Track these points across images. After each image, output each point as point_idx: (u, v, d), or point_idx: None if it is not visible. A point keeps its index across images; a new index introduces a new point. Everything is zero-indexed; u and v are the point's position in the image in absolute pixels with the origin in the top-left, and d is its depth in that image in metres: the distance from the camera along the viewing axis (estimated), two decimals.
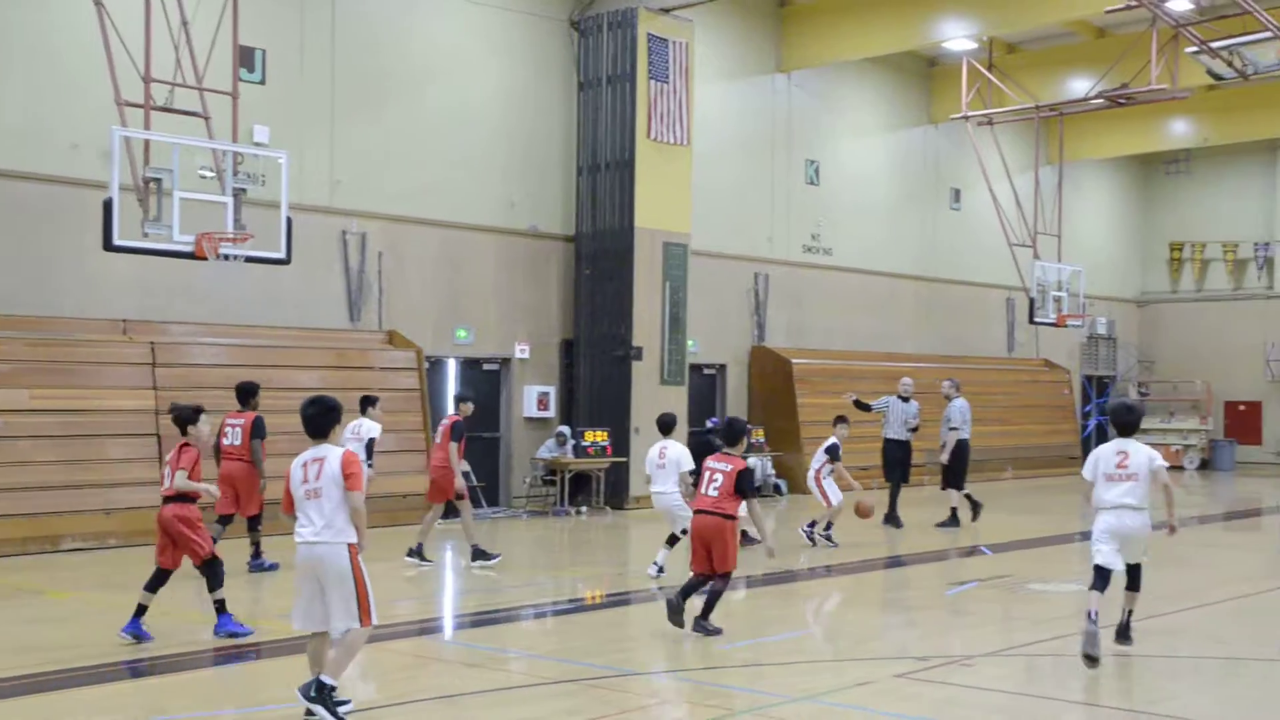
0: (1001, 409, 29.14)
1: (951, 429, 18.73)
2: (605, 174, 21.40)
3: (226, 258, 14.26)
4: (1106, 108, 26.58)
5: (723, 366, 24.71)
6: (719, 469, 10.32)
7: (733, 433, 10.64)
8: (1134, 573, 9.56)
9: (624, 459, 20.93)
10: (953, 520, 18.46)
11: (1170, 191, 36.13)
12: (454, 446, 14.12)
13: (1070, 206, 30.04)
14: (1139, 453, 9.36)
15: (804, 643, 10.50)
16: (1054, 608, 12.00)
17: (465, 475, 18.90)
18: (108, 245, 13.66)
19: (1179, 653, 10.03)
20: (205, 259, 14.16)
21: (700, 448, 14.01)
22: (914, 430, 19.01)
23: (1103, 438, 34.49)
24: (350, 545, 7.47)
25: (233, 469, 13.35)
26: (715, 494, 10.26)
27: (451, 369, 20.86)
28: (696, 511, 10.42)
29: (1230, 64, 21.82)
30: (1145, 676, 9.31)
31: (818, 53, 25.35)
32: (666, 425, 13.71)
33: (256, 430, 13.37)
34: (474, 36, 20.66)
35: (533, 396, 21.16)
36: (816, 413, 24.21)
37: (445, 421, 14.45)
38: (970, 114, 26.20)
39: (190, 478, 10.04)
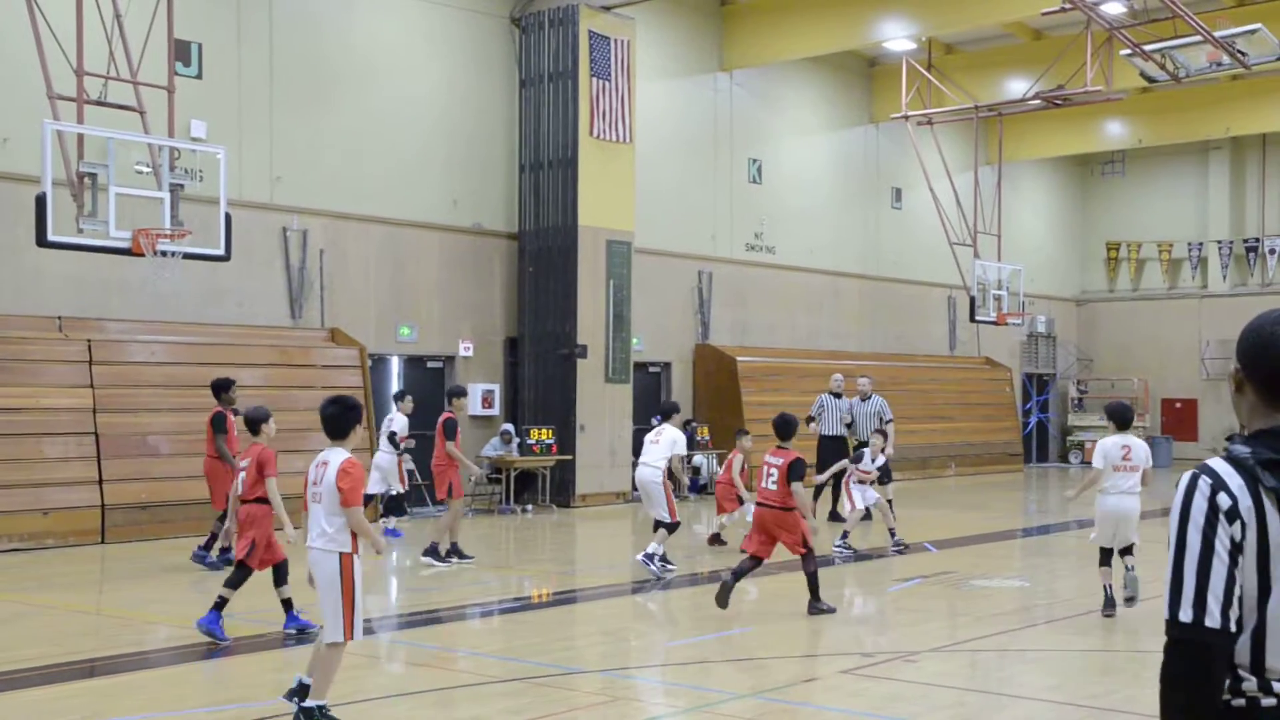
0: (944, 406, 29.42)
1: (888, 421, 18.77)
2: (548, 171, 21.33)
3: (164, 254, 14.05)
4: (1043, 109, 26.92)
5: (667, 364, 24.72)
6: (774, 463, 11.06)
7: (787, 428, 11.37)
8: (1128, 550, 11.13)
9: (569, 457, 20.89)
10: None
11: (1106, 191, 36.65)
12: (450, 444, 14.19)
13: (1009, 206, 30.37)
14: (1139, 447, 10.89)
15: (749, 639, 10.51)
16: (996, 603, 12.11)
17: (410, 474, 18.89)
18: (41, 241, 13.42)
19: (1115, 647, 10.16)
20: (143, 255, 13.95)
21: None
22: (849, 426, 19.08)
23: (1043, 435, 34.95)
24: (343, 554, 7.13)
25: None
26: (774, 487, 11.04)
27: (395, 367, 20.72)
28: (759, 503, 11.20)
29: (1163, 67, 22.14)
30: (1090, 671, 9.41)
31: (759, 52, 25.44)
32: (668, 411, 14.36)
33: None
34: (415, 32, 20.53)
35: (477, 395, 21.06)
36: (761, 410, 24.28)
37: (439, 420, 14.49)
38: (910, 114, 26.39)
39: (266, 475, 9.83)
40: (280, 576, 9.99)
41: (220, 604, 9.69)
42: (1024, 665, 9.53)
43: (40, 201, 13.20)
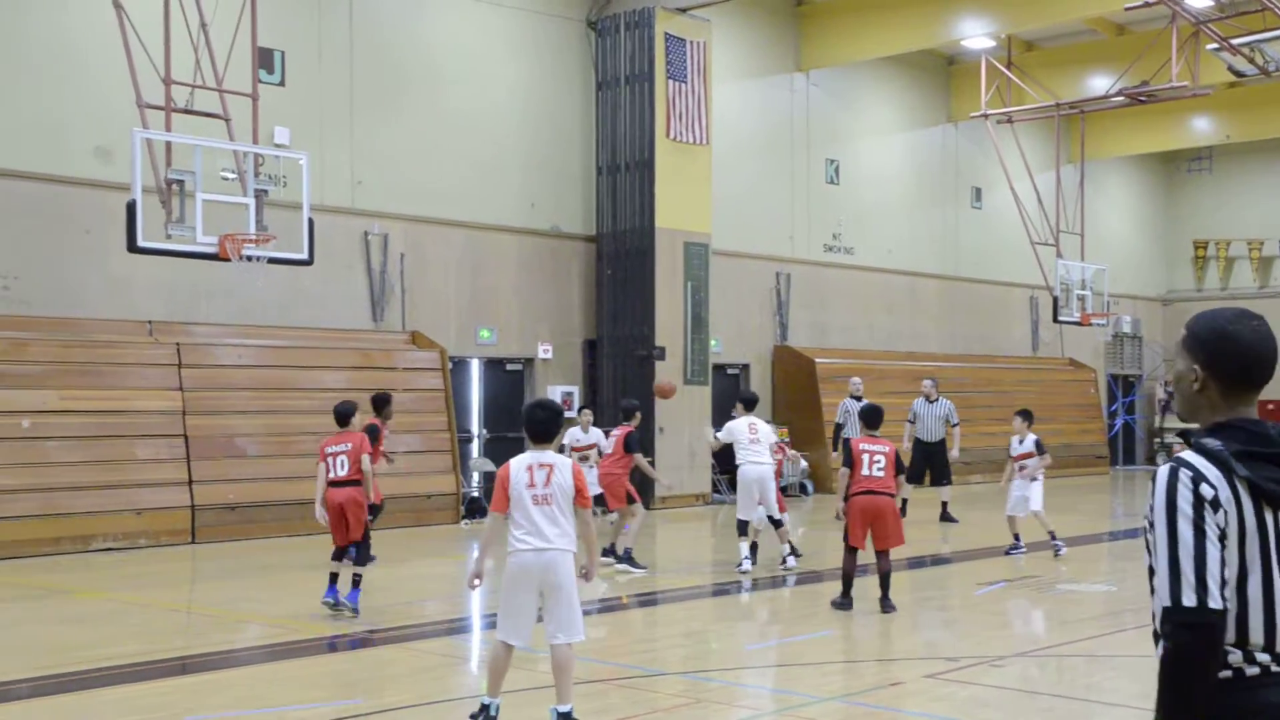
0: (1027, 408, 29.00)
1: (955, 424, 19.20)
2: (625, 174, 21.38)
3: (249, 259, 14.29)
4: (1127, 105, 26.47)
5: (746, 366, 24.67)
6: (878, 450, 11.05)
7: (877, 416, 11.48)
8: None
9: (649, 459, 20.88)
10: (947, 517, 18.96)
11: (1193, 189, 35.93)
12: (639, 457, 14.15)
13: (1092, 204, 29.90)
14: None
15: (832, 643, 10.45)
16: (1084, 608, 11.93)
17: (490, 475, 19.03)
18: (132, 247, 13.71)
19: None
20: (228, 260, 14.19)
21: (725, 448, 14.11)
22: (912, 422, 19.50)
23: (1130, 437, 34.35)
24: (575, 556, 7.24)
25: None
26: (881, 474, 11.00)
27: (475, 369, 20.88)
28: (864, 492, 11.03)
29: (1251, 60, 21.68)
30: None
31: (836, 52, 25.30)
32: (751, 402, 14.25)
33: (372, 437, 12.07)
34: (492, 37, 20.68)
35: (556, 397, 21.12)
36: (831, 413, 24.13)
37: (618, 432, 14.40)
38: (990, 112, 26.10)
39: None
40: (343, 553, 10.76)
41: (357, 580, 10.71)
42: (1113, 671, 9.38)
43: (130, 208, 13.48)
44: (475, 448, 20.66)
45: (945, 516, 19.02)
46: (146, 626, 10.79)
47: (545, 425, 7.32)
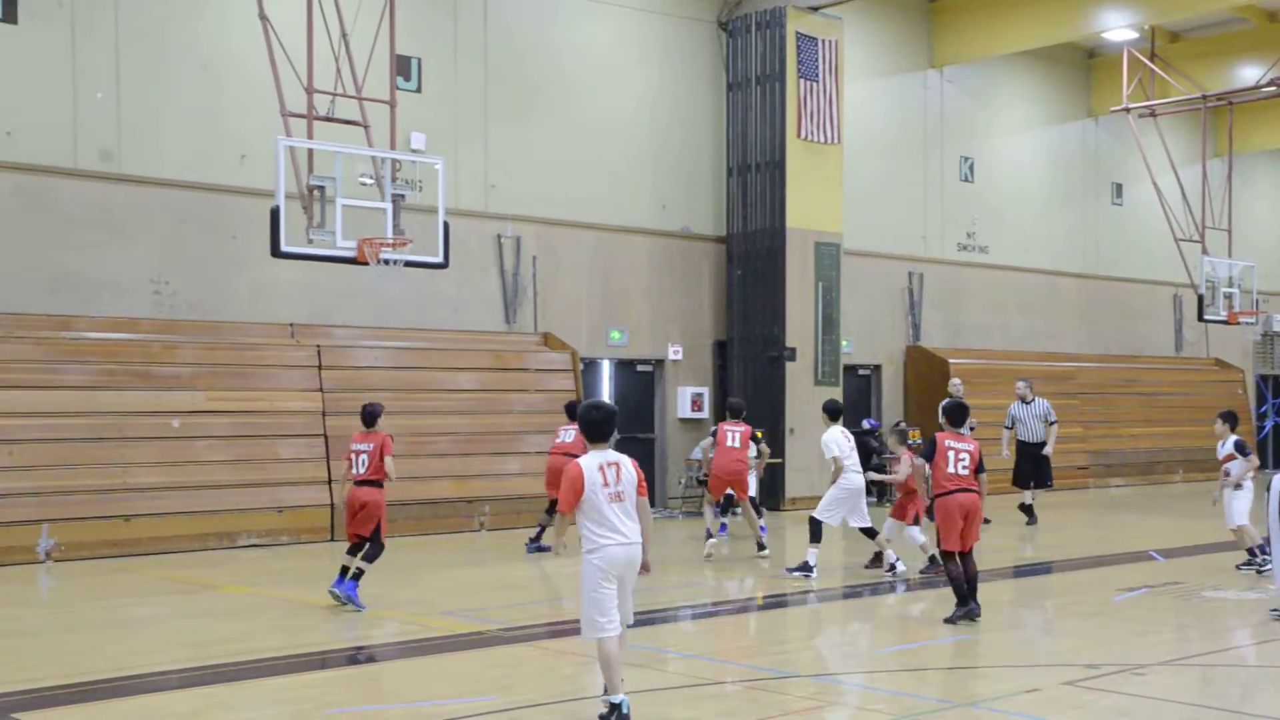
0: (1169, 409, 28.19)
1: (1053, 423, 19.24)
2: (756, 174, 21.33)
3: (386, 262, 14.60)
4: (1278, 96, 25.50)
5: (877, 367, 24.41)
6: (963, 449, 10.78)
7: (962, 413, 11.16)
8: None
9: (779, 460, 20.82)
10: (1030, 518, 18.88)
11: None
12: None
13: (1240, 199, 28.89)
14: None
15: (966, 647, 10.28)
16: (1230, 617, 11.54)
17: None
18: (275, 252, 14.11)
19: None
20: (366, 264, 14.52)
21: (859, 449, 13.98)
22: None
23: None
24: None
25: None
26: (966, 472, 10.72)
27: (606, 371, 21.02)
28: (958, 490, 10.64)
29: None
30: None
31: (971, 47, 24.88)
32: (839, 411, 13.99)
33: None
34: (624, 41, 20.81)
35: (686, 398, 21.20)
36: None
37: (743, 429, 15.23)
38: (1132, 106, 25.42)
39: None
40: (359, 548, 11.35)
41: (359, 574, 11.20)
42: (1264, 682, 9.06)
43: (274, 214, 13.88)
44: None
45: (1027, 511, 19.00)
46: (288, 621, 11.10)
47: (604, 425, 7.55)
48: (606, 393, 20.91)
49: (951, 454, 10.69)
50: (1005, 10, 24.25)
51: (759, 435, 16.31)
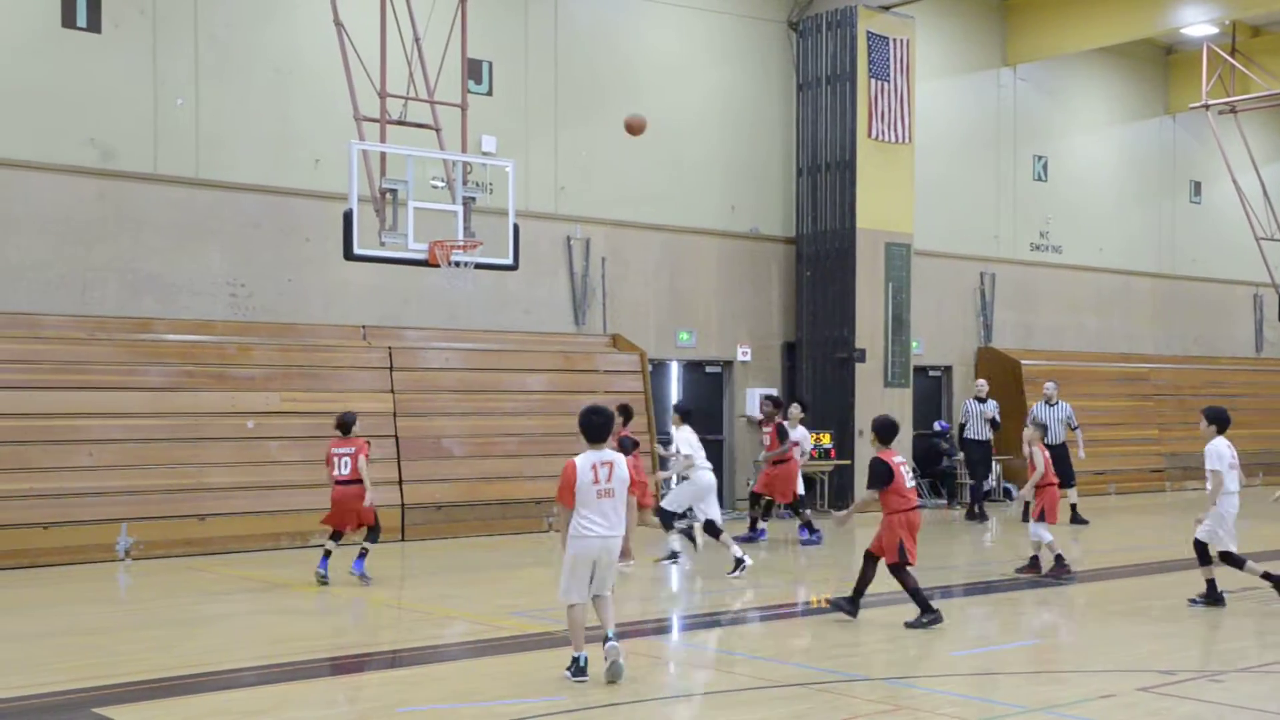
0: (1249, 412, 27.57)
1: (1075, 427, 19.65)
2: (825, 175, 21.23)
3: (457, 264, 14.70)
4: None
5: (948, 368, 24.19)
6: (902, 462, 10.89)
7: (893, 430, 11.08)
8: None
9: (848, 462, 20.71)
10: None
11: None
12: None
13: None
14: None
15: (1039, 651, 10.16)
16: None
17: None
18: (348, 254, 14.26)
19: None
20: (437, 266, 14.63)
21: (929, 451, 13.93)
22: (997, 427, 20.39)
23: None
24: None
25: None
26: (913, 486, 10.96)
27: (674, 372, 21.03)
28: (912, 509, 10.79)
29: None
30: None
31: (1045, 44, 24.56)
32: (689, 412, 14.87)
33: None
34: (693, 42, 20.80)
35: (755, 399, 21.13)
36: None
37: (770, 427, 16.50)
38: (1211, 103, 24.96)
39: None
40: (340, 536, 12.83)
41: (364, 553, 12.77)
42: None
43: (347, 217, 14.04)
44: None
45: (1076, 519, 18.96)
46: (360, 621, 11.22)
47: (602, 429, 8.54)
48: (675, 394, 20.91)
49: (903, 470, 10.73)
50: (1081, 7, 23.91)
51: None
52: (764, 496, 17.01)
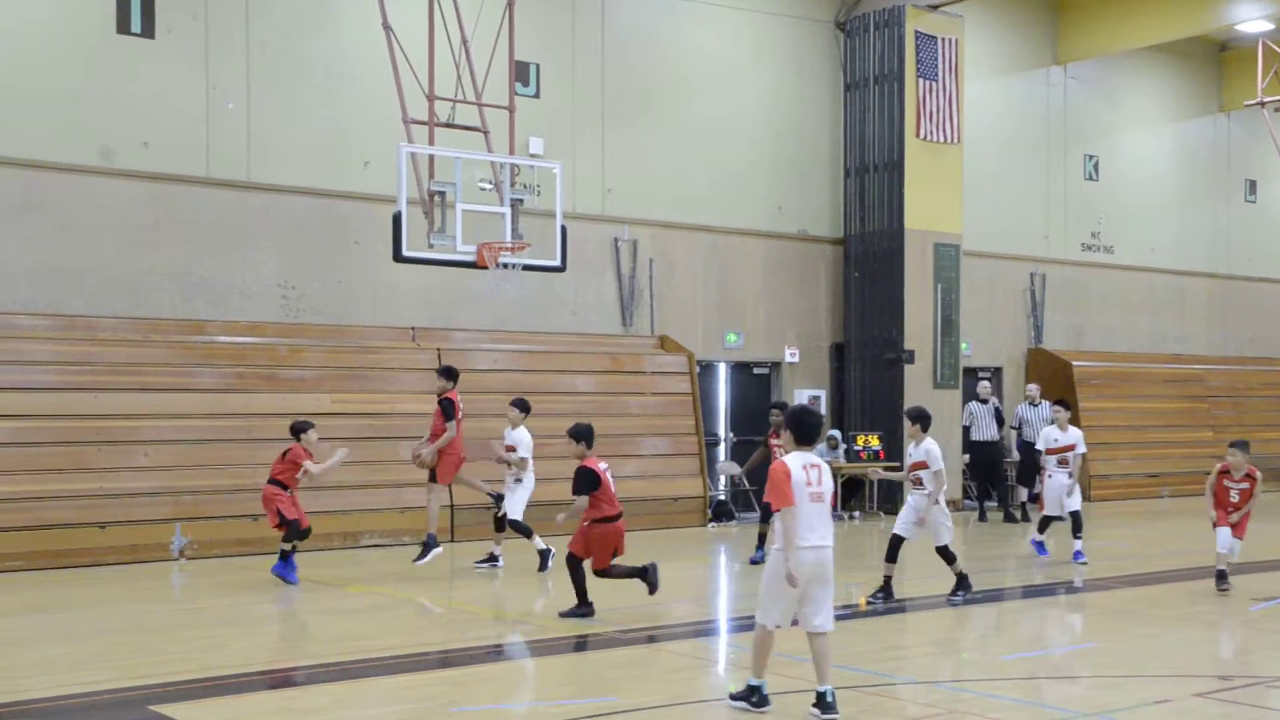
0: None
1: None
2: (873, 175, 21.14)
3: (505, 266, 14.74)
4: None
5: (998, 369, 24.00)
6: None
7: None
8: None
9: (897, 463, 20.57)
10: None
11: None
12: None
13: None
14: None
15: (1090, 656, 10.05)
16: None
17: (736, 479, 19.19)
18: (397, 256, 14.34)
19: None
20: (485, 268, 14.68)
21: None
22: (1017, 429, 20.55)
23: None
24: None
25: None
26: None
27: (722, 373, 21.00)
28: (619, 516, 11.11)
29: None
30: None
31: (1097, 43, 24.32)
32: (529, 408, 14.37)
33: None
34: (740, 43, 20.77)
35: (803, 400, 21.07)
36: (1100, 416, 23.27)
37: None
38: (1267, 100, 24.57)
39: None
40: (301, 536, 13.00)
41: (283, 554, 12.82)
42: None
43: (396, 220, 14.13)
44: (722, 451, 20.79)
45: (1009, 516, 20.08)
46: (410, 621, 11.29)
47: (816, 430, 7.88)
48: (722, 395, 20.88)
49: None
50: (1134, 4, 23.65)
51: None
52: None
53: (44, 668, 9.08)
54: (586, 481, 10.86)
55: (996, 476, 20.45)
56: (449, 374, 14.12)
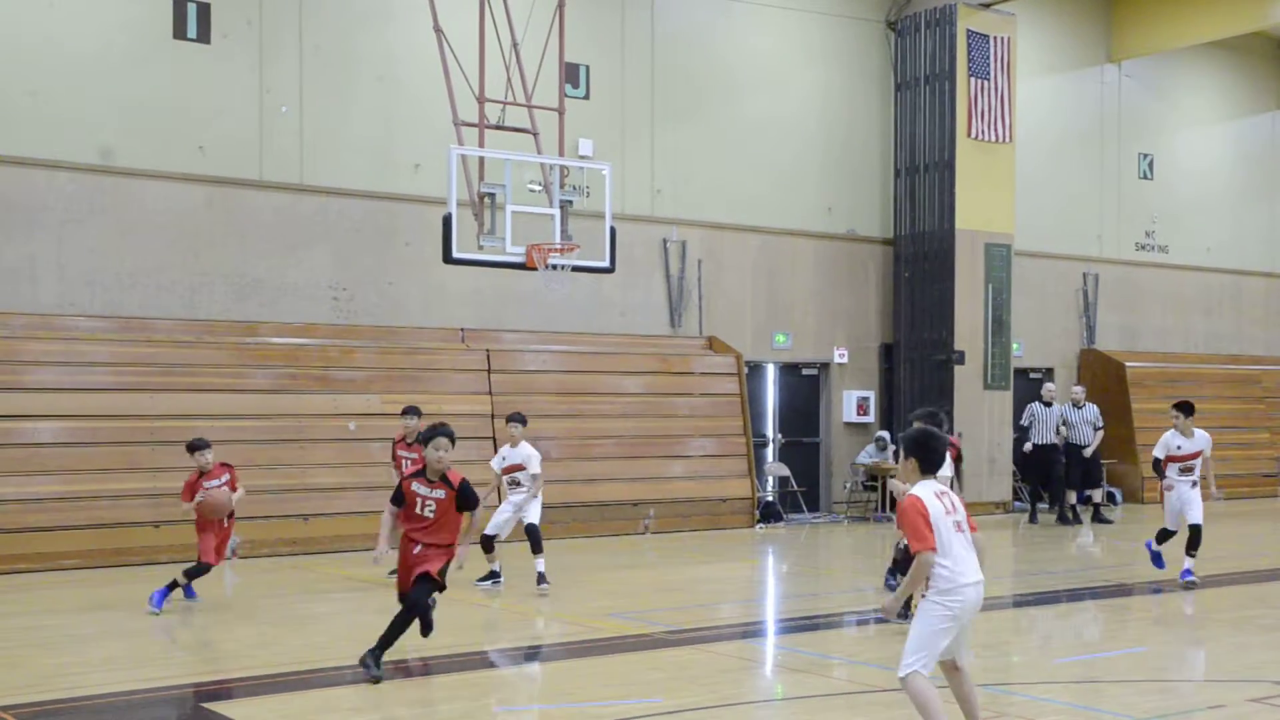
0: None
1: (1099, 428, 20.04)
2: (924, 175, 21.02)
3: (554, 268, 14.79)
4: None
5: (1049, 370, 23.78)
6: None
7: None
8: None
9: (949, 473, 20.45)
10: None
11: None
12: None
13: None
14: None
15: (1144, 660, 9.95)
16: None
17: (784, 480, 19.14)
18: (447, 258, 14.42)
19: None
20: (535, 269, 14.74)
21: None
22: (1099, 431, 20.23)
23: None
24: None
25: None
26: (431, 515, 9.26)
27: (770, 374, 20.96)
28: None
29: None
30: None
31: (1152, 40, 24.04)
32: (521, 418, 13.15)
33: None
34: (789, 42, 20.72)
35: (852, 401, 21.00)
36: (1152, 419, 22.97)
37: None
38: None
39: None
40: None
41: (173, 585, 11.43)
42: None
43: (446, 221, 14.21)
44: (770, 452, 20.75)
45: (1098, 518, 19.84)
46: (456, 621, 11.34)
47: (943, 454, 6.87)
48: (771, 396, 20.84)
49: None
50: (1190, 1, 23.37)
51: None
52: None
53: (108, 664, 9.23)
54: (395, 494, 9.35)
55: (1052, 479, 20.11)
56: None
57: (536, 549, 12.68)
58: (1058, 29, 23.61)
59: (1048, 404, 20.10)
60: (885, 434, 20.49)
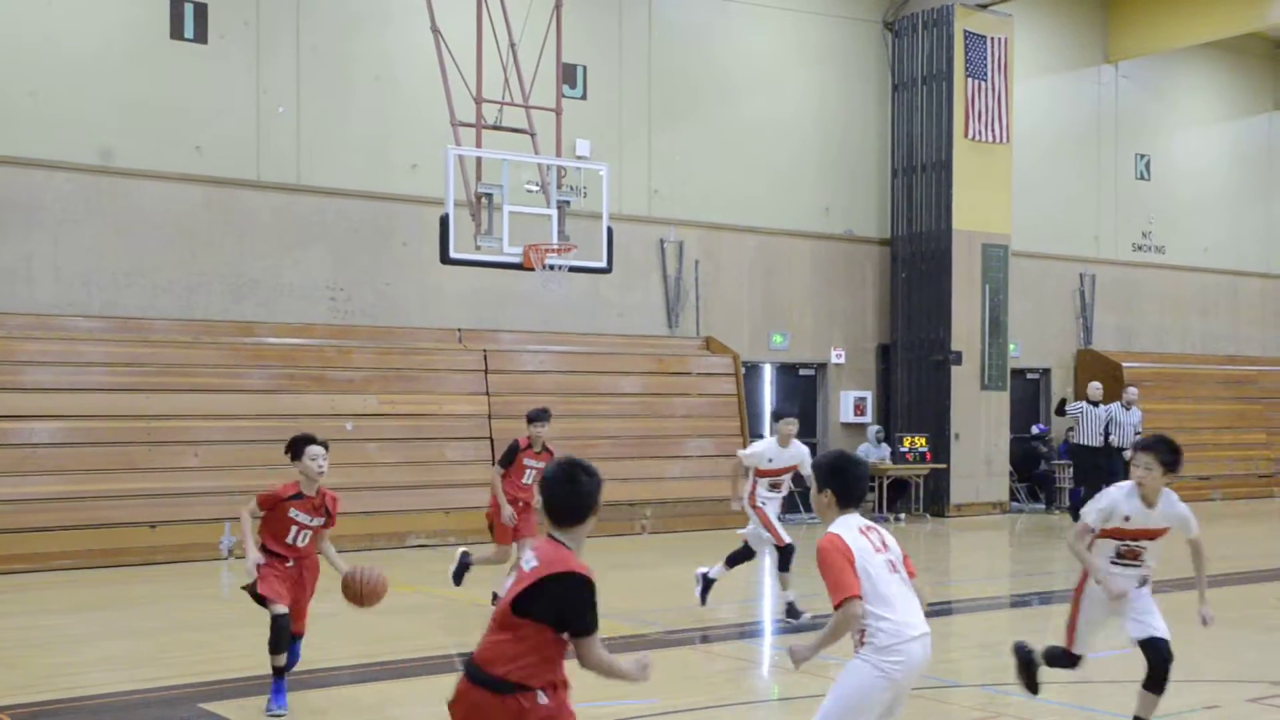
0: None
1: (1138, 434, 18.87)
2: (921, 176, 21.04)
3: (552, 268, 14.80)
4: None
5: (1046, 371, 23.81)
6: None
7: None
8: None
9: (943, 465, 20.49)
10: None
11: None
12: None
13: None
14: None
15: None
16: None
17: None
18: (444, 258, 14.43)
19: None
20: (532, 269, 14.75)
21: (1027, 455, 13.70)
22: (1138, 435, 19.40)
23: None
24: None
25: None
26: None
27: (767, 375, 20.97)
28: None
29: None
30: None
31: (1149, 40, 24.08)
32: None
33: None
34: (786, 43, 20.73)
35: (849, 402, 21.02)
36: (1150, 419, 22.96)
37: None
38: None
39: None
40: None
41: None
42: None
43: (444, 222, 14.22)
44: None
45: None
46: (454, 621, 11.36)
47: (865, 483, 5.52)
48: (768, 397, 20.85)
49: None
50: (1185, 1, 23.40)
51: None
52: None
53: (104, 664, 9.23)
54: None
55: (1099, 482, 19.41)
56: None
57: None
58: (1055, 30, 23.63)
59: (1095, 404, 19.48)
60: (880, 427, 20.55)
